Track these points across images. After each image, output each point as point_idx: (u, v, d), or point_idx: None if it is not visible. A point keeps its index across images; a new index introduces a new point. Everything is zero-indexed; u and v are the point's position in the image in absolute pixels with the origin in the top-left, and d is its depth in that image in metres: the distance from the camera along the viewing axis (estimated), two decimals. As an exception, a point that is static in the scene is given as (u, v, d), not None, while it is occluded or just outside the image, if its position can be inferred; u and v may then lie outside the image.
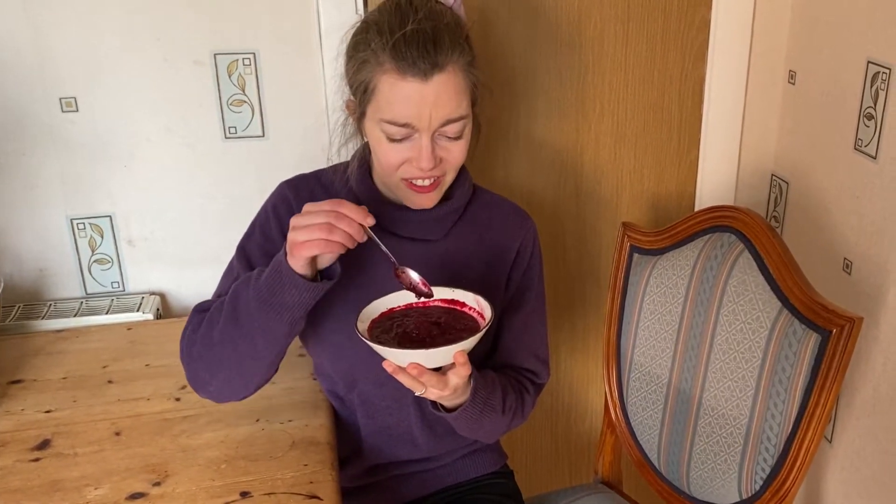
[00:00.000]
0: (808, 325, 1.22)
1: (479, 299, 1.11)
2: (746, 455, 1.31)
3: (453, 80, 1.10)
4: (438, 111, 1.10)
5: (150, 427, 1.25)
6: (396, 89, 1.09)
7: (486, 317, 1.07)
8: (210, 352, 1.15)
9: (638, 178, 1.82)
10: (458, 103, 1.11)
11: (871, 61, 1.43)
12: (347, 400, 1.30)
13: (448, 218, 1.25)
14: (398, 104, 1.09)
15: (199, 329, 1.17)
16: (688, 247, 1.43)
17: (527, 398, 1.28)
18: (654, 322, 1.47)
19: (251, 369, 1.16)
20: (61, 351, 1.47)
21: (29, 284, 1.64)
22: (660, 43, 1.72)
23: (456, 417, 1.15)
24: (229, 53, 1.56)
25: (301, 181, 1.28)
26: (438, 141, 1.14)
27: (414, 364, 1.01)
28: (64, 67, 1.52)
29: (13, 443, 1.22)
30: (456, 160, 1.17)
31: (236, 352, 1.13)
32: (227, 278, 1.24)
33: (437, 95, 1.09)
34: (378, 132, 1.13)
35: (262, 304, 1.08)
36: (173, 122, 1.59)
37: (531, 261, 1.30)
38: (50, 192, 1.59)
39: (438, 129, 1.12)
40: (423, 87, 1.08)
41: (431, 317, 1.11)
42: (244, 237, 1.26)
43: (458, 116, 1.12)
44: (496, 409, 1.19)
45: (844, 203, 1.54)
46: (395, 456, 1.33)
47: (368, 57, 1.10)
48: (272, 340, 1.12)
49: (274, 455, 1.19)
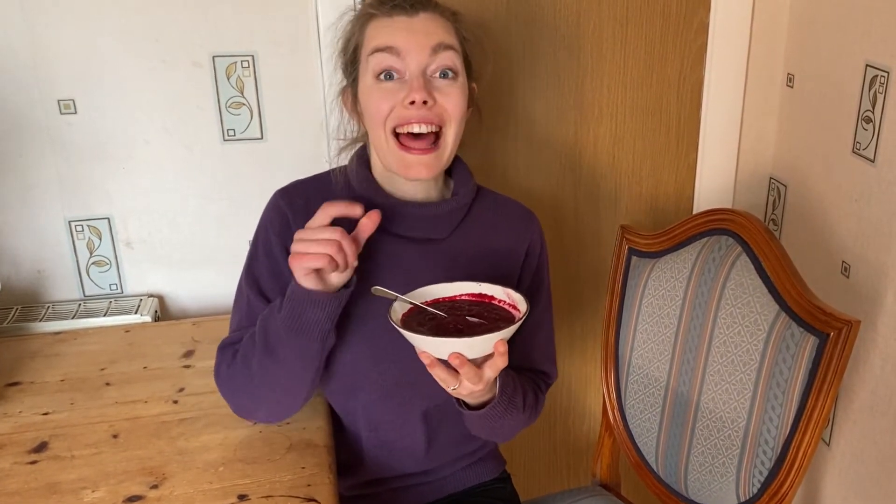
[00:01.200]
0: (805, 328, 1.22)
1: (508, 291, 1.09)
2: (744, 458, 1.31)
3: (441, 21, 1.15)
4: (428, 38, 1.12)
5: (148, 429, 1.25)
6: (384, 25, 1.13)
7: (521, 308, 1.05)
8: (252, 385, 1.16)
9: (636, 180, 1.83)
10: (447, 35, 1.14)
11: (870, 64, 1.43)
12: (350, 409, 1.29)
13: (452, 215, 1.23)
14: (385, 33, 1.13)
15: (234, 365, 1.18)
16: (686, 249, 1.43)
17: (540, 397, 1.28)
18: (652, 324, 1.47)
19: (296, 390, 1.17)
20: (59, 353, 1.47)
21: (27, 286, 1.64)
22: (658, 46, 1.72)
23: (482, 415, 1.14)
24: (228, 56, 1.56)
25: (295, 189, 1.25)
26: (432, 83, 1.14)
27: (456, 354, 0.98)
28: (62, 69, 1.52)
29: (10, 445, 1.21)
30: (452, 106, 1.14)
31: (278, 380, 1.14)
32: (238, 304, 1.24)
33: (425, 26, 1.13)
34: (369, 79, 1.14)
35: (289, 330, 1.09)
36: (172, 124, 1.59)
37: (539, 261, 1.29)
38: (48, 193, 1.59)
39: (429, 62, 1.13)
40: (411, 21, 1.13)
41: (462, 310, 1.08)
42: (249, 258, 1.24)
43: (449, 44, 1.14)
44: (518, 406, 1.18)
45: (843, 206, 1.54)
46: (397, 469, 1.32)
47: (354, 21, 1.17)
48: (309, 359, 1.13)
49: (272, 458, 1.19)
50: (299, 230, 1.05)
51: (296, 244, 1.04)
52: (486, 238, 1.26)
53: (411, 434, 1.28)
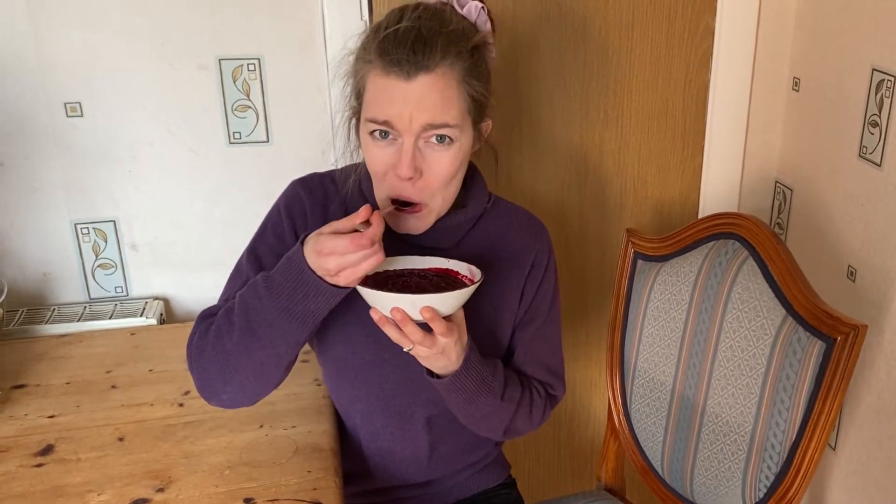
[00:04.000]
0: (812, 333, 1.22)
1: (471, 268, 1.10)
2: (750, 463, 1.31)
3: (442, 85, 1.05)
4: (420, 114, 1.04)
5: (154, 432, 1.25)
6: (380, 86, 1.05)
7: (475, 278, 1.06)
8: (224, 361, 1.11)
9: (642, 184, 1.82)
10: (444, 109, 1.06)
11: (876, 69, 1.43)
12: (350, 415, 1.29)
13: (461, 227, 1.21)
14: (380, 101, 1.06)
15: (207, 337, 1.13)
16: (692, 253, 1.43)
17: (536, 399, 1.25)
18: (657, 329, 1.47)
19: (268, 374, 1.13)
20: (65, 356, 1.47)
21: (32, 289, 1.64)
22: (664, 50, 1.72)
23: (448, 386, 1.12)
24: (234, 59, 1.57)
25: (315, 180, 1.24)
26: (423, 150, 1.08)
27: (397, 308, 0.99)
28: (68, 72, 1.52)
29: (16, 448, 1.21)
30: (440, 175, 1.09)
31: (253, 360, 1.10)
32: (234, 281, 1.20)
33: (419, 97, 1.04)
34: (366, 137, 1.10)
35: (283, 312, 1.05)
36: (178, 126, 1.59)
37: (546, 273, 1.26)
38: (54, 196, 1.59)
39: (422, 133, 1.06)
40: (406, 87, 1.04)
41: (426, 278, 1.10)
42: (254, 238, 1.23)
43: (443, 123, 1.06)
44: (495, 392, 1.16)
45: (849, 210, 1.54)
46: (400, 480, 1.32)
47: (361, 55, 1.09)
48: (293, 345, 1.10)
49: (277, 461, 1.19)
50: (339, 240, 1.01)
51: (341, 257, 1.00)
52: (494, 247, 1.24)
53: (413, 443, 1.28)
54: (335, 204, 1.22)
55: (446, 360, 1.08)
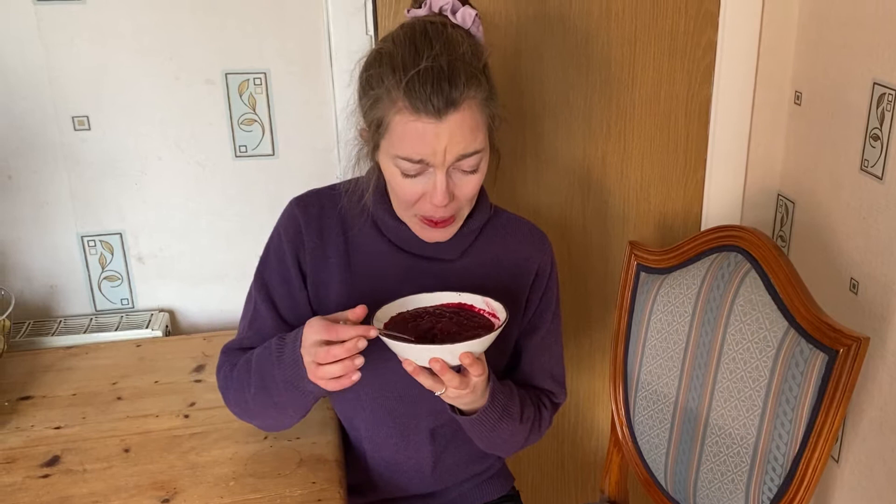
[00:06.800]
0: (814, 345, 1.22)
1: (488, 301, 1.12)
2: (753, 475, 1.31)
3: (469, 116, 1.07)
4: (453, 147, 1.07)
5: (159, 444, 1.26)
6: (410, 128, 1.06)
7: (500, 316, 1.08)
8: (245, 407, 1.22)
9: (644, 197, 1.83)
10: (473, 139, 1.08)
11: (877, 82, 1.44)
12: (354, 426, 1.30)
13: (465, 239, 1.23)
14: (412, 142, 1.07)
15: (230, 382, 1.22)
16: (695, 266, 1.44)
17: (544, 413, 1.28)
18: (661, 341, 1.47)
19: (287, 421, 1.23)
20: (71, 367, 1.47)
21: (39, 301, 1.65)
22: (667, 64, 1.73)
23: (474, 421, 1.15)
24: (240, 73, 1.58)
25: (311, 198, 1.25)
26: (453, 175, 1.11)
27: (436, 359, 1.01)
28: (76, 86, 1.54)
29: (22, 459, 1.22)
30: (469, 194, 1.14)
31: (269, 413, 1.20)
32: (248, 306, 1.26)
33: (451, 134, 1.06)
34: (392, 167, 1.11)
35: (289, 386, 1.12)
36: (184, 140, 1.60)
37: (549, 283, 1.29)
38: (61, 209, 1.60)
39: (453, 163, 1.09)
40: (438, 126, 1.05)
41: (444, 317, 1.11)
42: (260, 264, 1.26)
43: (474, 151, 1.09)
44: (514, 416, 1.19)
45: (851, 223, 1.55)
46: (404, 491, 1.32)
47: (382, 94, 1.08)
48: (303, 408, 1.18)
49: (282, 472, 1.20)
50: (325, 348, 1.04)
51: (325, 365, 1.05)
52: (497, 258, 1.26)
53: (417, 454, 1.28)
54: (332, 217, 1.24)
55: (474, 396, 1.10)
